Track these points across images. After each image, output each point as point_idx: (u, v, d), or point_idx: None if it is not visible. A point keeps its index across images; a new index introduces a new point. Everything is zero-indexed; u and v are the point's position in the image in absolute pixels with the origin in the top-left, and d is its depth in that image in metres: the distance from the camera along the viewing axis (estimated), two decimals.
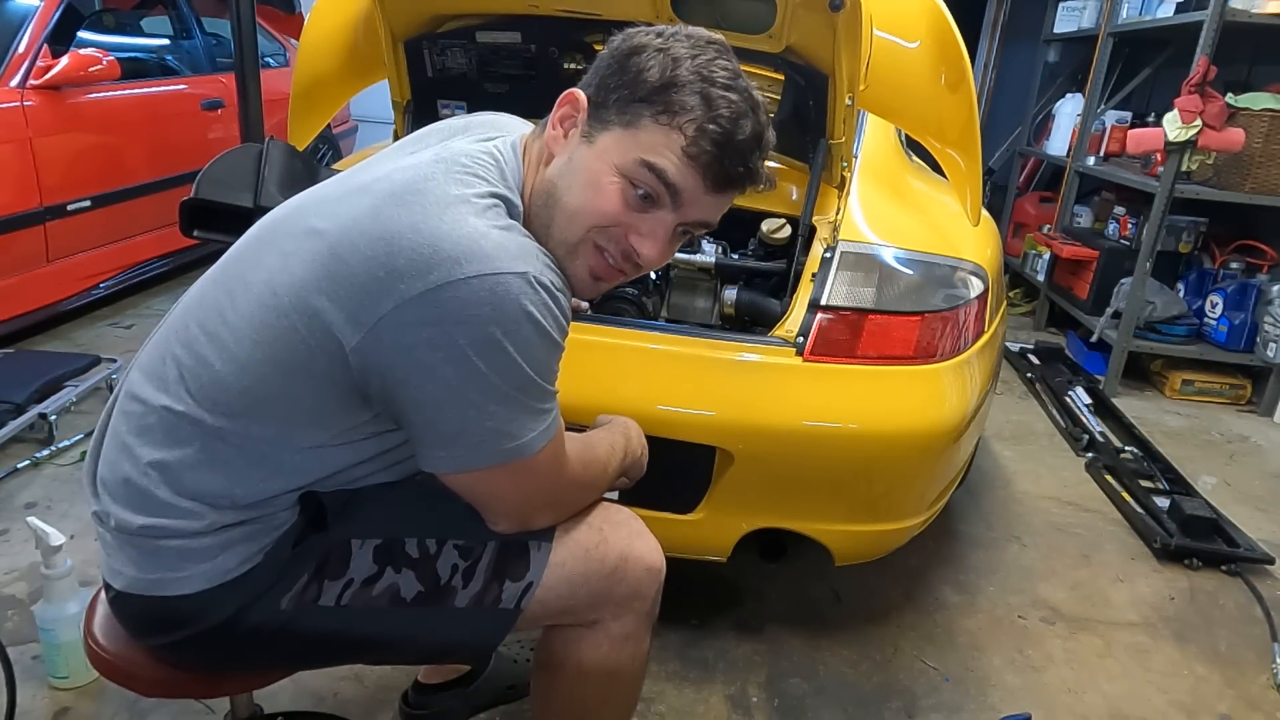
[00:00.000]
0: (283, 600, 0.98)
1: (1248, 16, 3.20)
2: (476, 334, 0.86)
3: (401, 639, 1.05)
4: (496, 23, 1.95)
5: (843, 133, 1.80)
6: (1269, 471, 3.00)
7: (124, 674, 1.06)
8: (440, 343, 0.86)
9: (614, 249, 0.99)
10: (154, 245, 3.75)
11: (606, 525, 1.10)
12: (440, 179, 0.93)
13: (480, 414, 0.90)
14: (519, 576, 1.04)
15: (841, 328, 1.62)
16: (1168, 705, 1.81)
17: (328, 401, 0.94)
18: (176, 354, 0.98)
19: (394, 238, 0.87)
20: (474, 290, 0.85)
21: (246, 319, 0.94)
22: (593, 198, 0.96)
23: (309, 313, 0.90)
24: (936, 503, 1.82)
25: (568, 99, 0.99)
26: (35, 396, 2.54)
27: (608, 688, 1.16)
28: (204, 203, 1.82)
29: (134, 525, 0.97)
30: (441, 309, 0.86)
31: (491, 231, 0.89)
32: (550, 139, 1.00)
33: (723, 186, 0.97)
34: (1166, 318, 3.56)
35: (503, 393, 0.90)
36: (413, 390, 0.90)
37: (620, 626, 1.11)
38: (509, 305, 0.86)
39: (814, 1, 1.58)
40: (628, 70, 0.95)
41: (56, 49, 3.23)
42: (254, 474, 0.96)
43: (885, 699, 1.76)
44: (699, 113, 0.92)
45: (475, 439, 0.92)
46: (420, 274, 0.85)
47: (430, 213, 0.89)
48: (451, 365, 0.87)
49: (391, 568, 1.01)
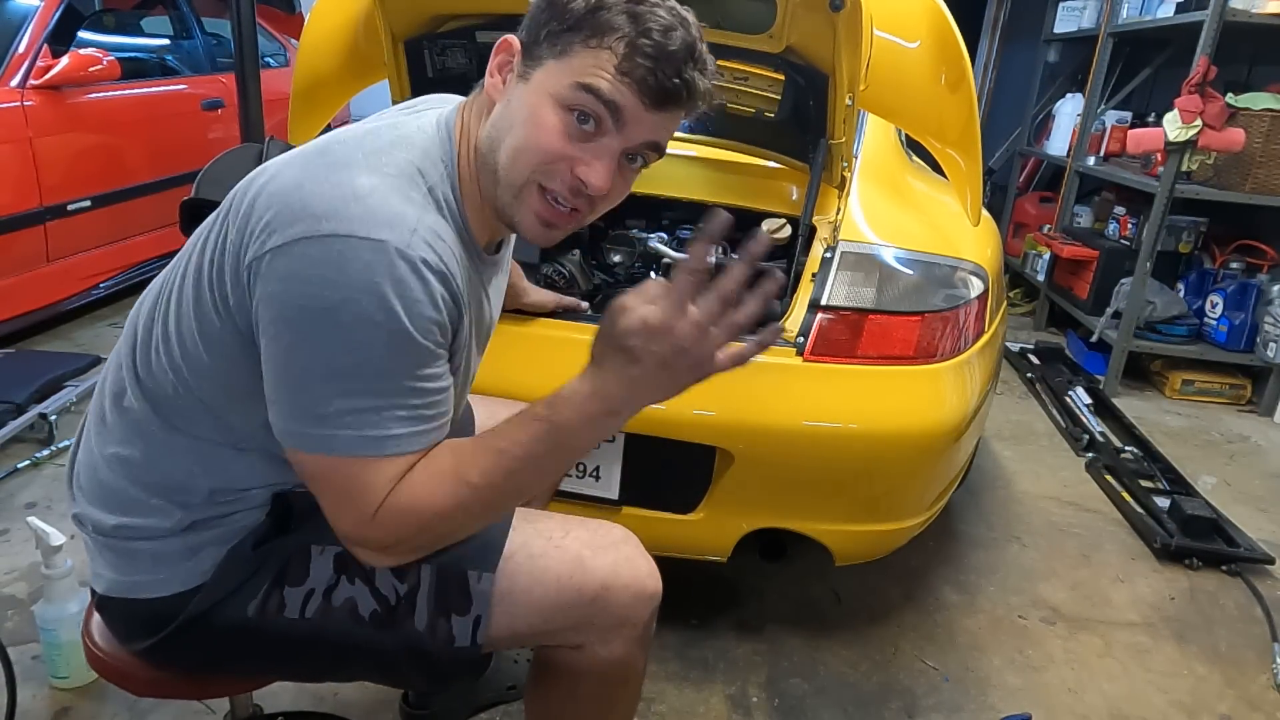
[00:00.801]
0: (249, 606, 0.98)
1: (1248, 16, 3.20)
2: (314, 298, 0.82)
3: (370, 659, 1.02)
4: (497, 23, 1.95)
5: (843, 133, 1.80)
6: (1269, 471, 3.00)
7: (119, 674, 1.07)
8: (282, 299, 0.84)
9: (560, 186, 0.94)
10: (154, 245, 3.75)
11: (588, 550, 1.04)
12: (351, 144, 0.91)
13: (299, 386, 0.85)
14: (464, 610, 0.99)
15: (842, 328, 1.62)
16: (1168, 705, 1.81)
17: (250, 377, 0.90)
18: (135, 347, 0.99)
19: (280, 193, 0.86)
20: (324, 249, 0.82)
21: (181, 299, 0.95)
22: (533, 132, 0.92)
23: (214, 271, 0.90)
24: (937, 503, 1.82)
25: (502, 46, 0.96)
26: (35, 396, 2.55)
27: (601, 706, 1.14)
28: (204, 202, 1.82)
29: (108, 525, 0.98)
30: (290, 264, 0.83)
31: (370, 197, 0.85)
32: (490, 87, 0.97)
33: (662, 102, 0.92)
34: (1166, 318, 3.56)
35: (328, 369, 0.84)
36: (264, 345, 0.87)
37: (608, 651, 1.05)
38: (354, 272, 0.81)
39: (814, 1, 1.58)
40: (556, 4, 0.92)
41: (57, 49, 3.23)
42: (211, 462, 0.96)
43: (885, 699, 1.76)
44: (628, 29, 0.89)
45: (288, 410, 0.87)
46: (284, 227, 0.83)
47: (319, 172, 0.87)
48: (286, 327, 0.84)
49: (347, 578, 0.99)
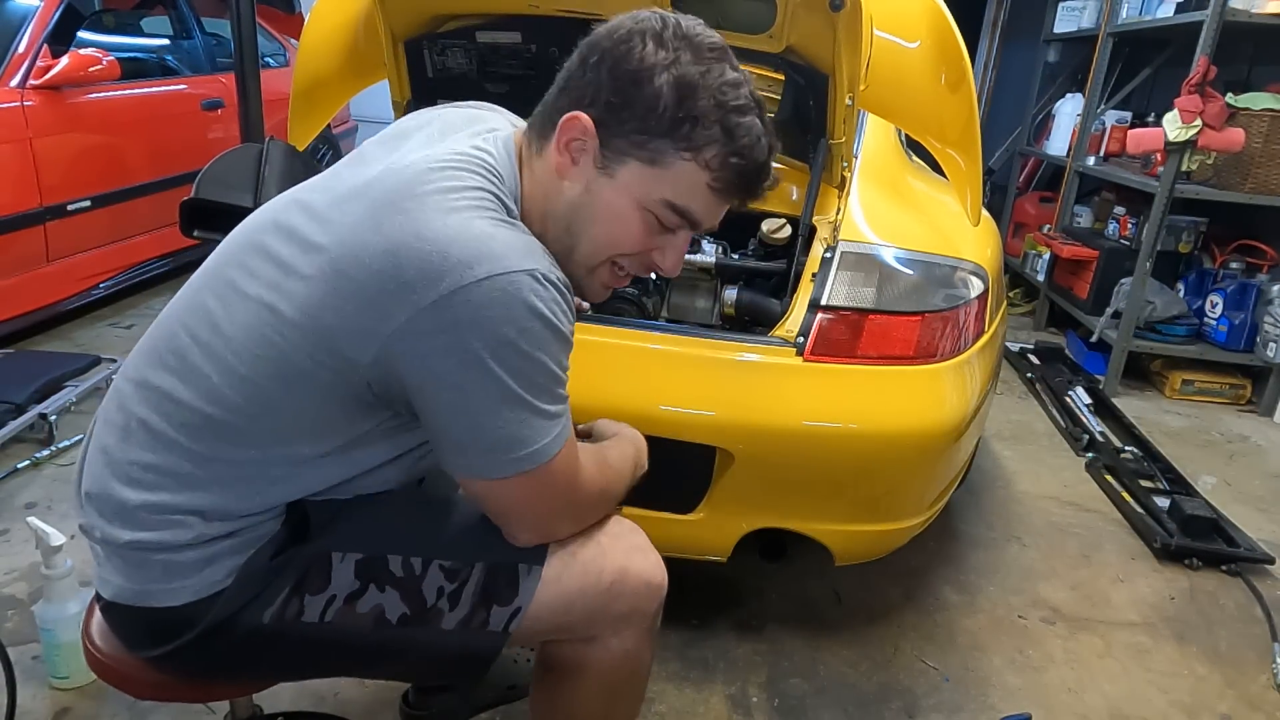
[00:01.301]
0: (265, 614, 0.97)
1: (1248, 16, 3.20)
2: (490, 336, 0.85)
3: (386, 659, 1.04)
4: (497, 23, 1.95)
5: (843, 133, 1.80)
6: (1269, 471, 3.00)
7: (120, 677, 1.06)
8: (454, 348, 0.85)
9: (633, 266, 1.02)
10: (154, 245, 3.75)
11: (606, 538, 1.07)
12: (436, 181, 0.91)
13: (493, 419, 0.89)
14: (507, 601, 1.01)
15: (842, 328, 1.62)
16: (1168, 705, 1.81)
17: (333, 413, 0.93)
18: (169, 364, 0.96)
19: (399, 248, 0.86)
20: (485, 292, 0.84)
21: (245, 331, 0.93)
22: (617, 232, 0.98)
23: (316, 330, 0.89)
24: (937, 503, 1.82)
25: (573, 124, 0.95)
26: (35, 396, 2.54)
27: (608, 702, 1.14)
28: (204, 203, 1.82)
29: (121, 540, 0.96)
30: (455, 314, 0.84)
31: (498, 231, 0.88)
32: (559, 165, 0.97)
33: (745, 201, 1.01)
34: (1166, 318, 3.56)
35: (516, 396, 0.88)
36: (427, 399, 0.89)
37: (620, 642, 1.08)
38: (520, 304, 0.85)
39: (814, 1, 1.58)
40: (639, 99, 0.92)
41: (56, 49, 3.23)
42: (249, 488, 0.95)
43: (886, 699, 1.76)
44: (721, 143, 0.93)
45: (488, 445, 0.90)
46: (431, 282, 0.84)
47: (433, 218, 0.87)
48: (465, 370, 0.86)
49: (375, 585, 0.99)
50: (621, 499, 1.15)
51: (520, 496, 0.96)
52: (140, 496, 0.95)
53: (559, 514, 1.01)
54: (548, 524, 1.01)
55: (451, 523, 1.03)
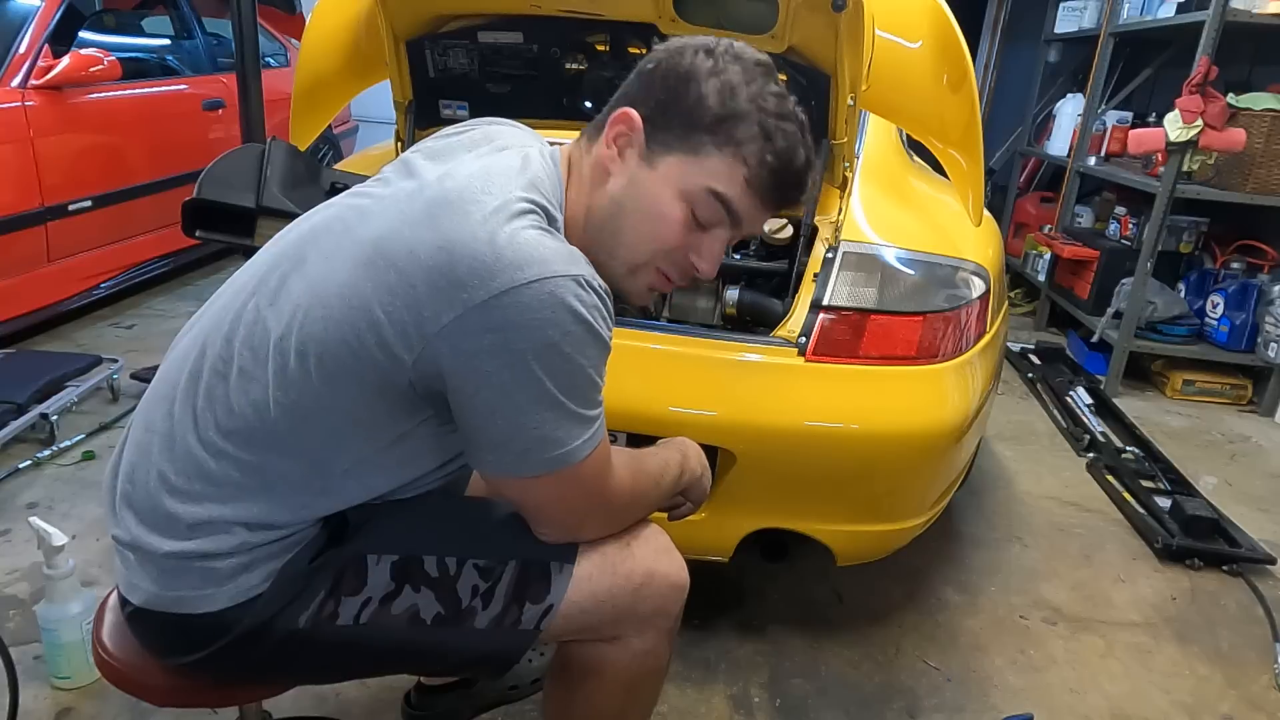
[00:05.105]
0: (301, 618, 0.97)
1: (1249, 17, 3.20)
2: (536, 338, 0.87)
3: (417, 657, 1.05)
4: (498, 23, 1.95)
5: (845, 133, 1.80)
6: (1270, 471, 3.00)
7: (135, 684, 1.03)
8: (500, 349, 0.87)
9: (674, 270, 1.05)
10: (155, 245, 3.76)
11: (634, 540, 1.09)
12: (497, 188, 0.94)
13: (529, 419, 0.90)
14: (539, 599, 1.03)
15: (843, 328, 1.62)
16: (1170, 705, 1.81)
17: (378, 409, 0.94)
18: (218, 369, 0.96)
19: (454, 246, 0.88)
20: (534, 294, 0.86)
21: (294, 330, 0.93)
22: (658, 223, 1.00)
23: (365, 324, 0.90)
24: (938, 503, 1.82)
25: (622, 119, 1.01)
26: (36, 396, 2.54)
27: (627, 701, 1.15)
28: (206, 203, 1.82)
29: (161, 550, 0.95)
30: (505, 314, 0.86)
31: (545, 239, 0.91)
32: (605, 157, 1.02)
33: (779, 209, 1.05)
34: (1167, 318, 3.56)
35: (553, 398, 0.90)
36: (467, 396, 0.91)
37: (642, 643, 1.09)
38: (565, 308, 0.87)
39: (816, 2, 1.58)
40: (686, 97, 0.98)
41: (58, 49, 3.23)
42: (296, 499, 0.96)
43: (887, 699, 1.76)
44: (759, 144, 0.98)
45: (523, 445, 0.92)
46: (483, 281, 0.86)
47: (490, 220, 0.89)
48: (509, 370, 0.88)
49: (410, 586, 1.00)
50: (662, 506, 1.16)
51: (548, 496, 0.98)
52: (187, 508, 0.95)
53: (587, 515, 1.03)
54: (575, 524, 1.03)
55: (484, 521, 1.04)
